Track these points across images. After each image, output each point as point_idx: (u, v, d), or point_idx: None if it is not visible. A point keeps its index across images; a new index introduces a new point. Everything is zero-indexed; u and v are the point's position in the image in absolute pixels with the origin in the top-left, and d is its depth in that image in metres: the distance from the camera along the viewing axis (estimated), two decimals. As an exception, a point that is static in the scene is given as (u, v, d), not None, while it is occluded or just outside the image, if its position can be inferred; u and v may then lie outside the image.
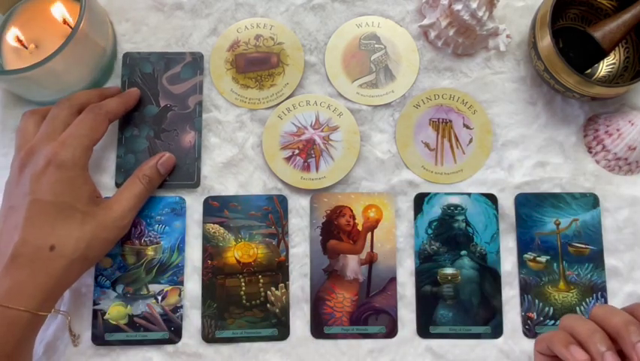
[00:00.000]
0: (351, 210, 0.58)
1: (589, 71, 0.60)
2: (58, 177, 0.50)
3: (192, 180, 0.59)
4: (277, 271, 0.57)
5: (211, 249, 0.58)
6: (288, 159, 0.59)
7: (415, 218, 0.58)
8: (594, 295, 0.57)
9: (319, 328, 0.57)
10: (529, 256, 0.58)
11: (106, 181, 0.59)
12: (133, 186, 0.55)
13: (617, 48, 0.61)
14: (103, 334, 0.56)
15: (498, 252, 0.58)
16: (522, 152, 0.60)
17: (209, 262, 0.57)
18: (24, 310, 0.48)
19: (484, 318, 0.57)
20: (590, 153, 0.60)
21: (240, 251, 0.58)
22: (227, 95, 0.61)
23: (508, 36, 0.60)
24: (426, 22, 0.61)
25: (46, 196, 0.50)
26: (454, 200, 0.59)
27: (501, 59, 0.62)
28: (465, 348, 0.56)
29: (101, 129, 0.54)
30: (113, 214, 0.53)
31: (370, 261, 0.58)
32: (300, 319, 0.57)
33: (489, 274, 0.57)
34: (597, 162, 0.60)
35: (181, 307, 0.57)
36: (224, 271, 0.57)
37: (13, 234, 0.49)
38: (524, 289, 0.57)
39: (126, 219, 0.54)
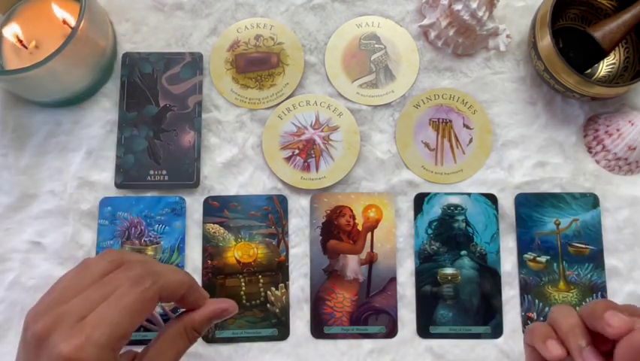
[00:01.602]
0: (351, 210, 0.58)
1: (589, 71, 0.60)
2: None
3: (192, 180, 0.59)
4: (277, 271, 0.57)
5: (211, 249, 0.58)
6: (288, 159, 0.59)
7: (415, 218, 0.58)
8: (594, 295, 0.57)
9: (319, 328, 0.57)
10: (529, 256, 0.58)
11: (105, 181, 0.59)
12: (179, 341, 0.43)
13: (617, 48, 0.61)
14: (103, 334, 0.56)
15: (498, 252, 0.58)
16: (522, 152, 0.60)
17: (209, 262, 0.57)
18: None
19: (484, 318, 0.57)
20: (590, 153, 0.60)
21: (240, 251, 0.58)
22: (227, 95, 0.61)
23: (508, 36, 0.60)
24: (426, 22, 0.61)
25: None
26: (454, 200, 0.59)
27: (501, 59, 0.62)
28: (465, 348, 0.56)
29: (147, 310, 0.40)
30: None
31: (370, 261, 0.58)
32: (300, 319, 0.57)
33: (489, 274, 0.57)
34: (597, 162, 0.60)
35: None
36: (224, 271, 0.57)
37: None
38: (524, 289, 0.57)
39: None
